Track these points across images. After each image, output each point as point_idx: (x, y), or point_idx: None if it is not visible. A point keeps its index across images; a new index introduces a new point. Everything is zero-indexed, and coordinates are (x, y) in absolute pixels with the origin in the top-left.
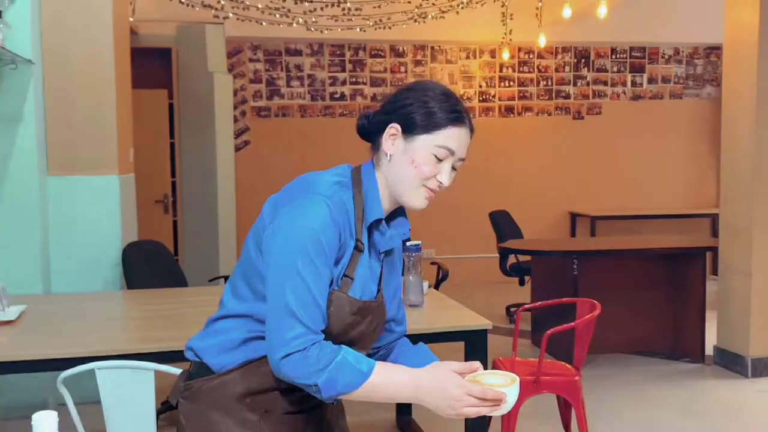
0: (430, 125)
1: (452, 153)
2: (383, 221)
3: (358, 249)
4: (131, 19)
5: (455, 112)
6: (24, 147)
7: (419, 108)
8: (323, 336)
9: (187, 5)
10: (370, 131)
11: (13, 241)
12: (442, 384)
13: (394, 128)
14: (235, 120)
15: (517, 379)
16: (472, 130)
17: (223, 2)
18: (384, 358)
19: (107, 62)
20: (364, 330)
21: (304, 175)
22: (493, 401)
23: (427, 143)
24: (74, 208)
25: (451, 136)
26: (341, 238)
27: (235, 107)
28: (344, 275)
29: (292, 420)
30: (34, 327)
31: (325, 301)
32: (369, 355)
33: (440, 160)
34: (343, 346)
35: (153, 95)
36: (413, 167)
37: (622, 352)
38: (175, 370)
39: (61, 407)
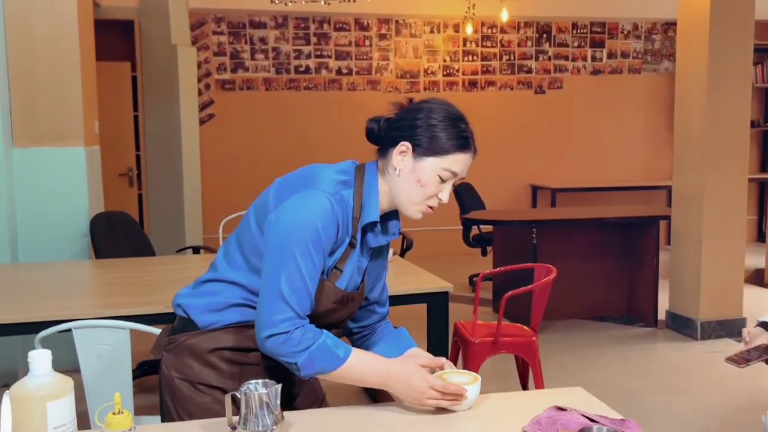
0: (439, 149)
1: (455, 175)
2: (378, 224)
3: (351, 245)
4: None
5: (462, 139)
6: None
7: (429, 131)
8: (308, 320)
9: None
10: (379, 137)
11: None
12: (409, 376)
13: (405, 146)
14: (200, 93)
15: (479, 378)
16: (475, 152)
17: None
18: (367, 339)
19: (71, 33)
20: (342, 315)
21: (311, 166)
22: (454, 395)
23: (434, 165)
24: (40, 180)
25: (457, 161)
26: (339, 233)
27: (199, 80)
28: (335, 267)
29: (269, 372)
30: (3, 293)
31: (315, 289)
32: (354, 335)
33: (443, 181)
34: (325, 330)
35: (116, 68)
36: (419, 186)
37: (579, 317)
38: (150, 329)
39: None
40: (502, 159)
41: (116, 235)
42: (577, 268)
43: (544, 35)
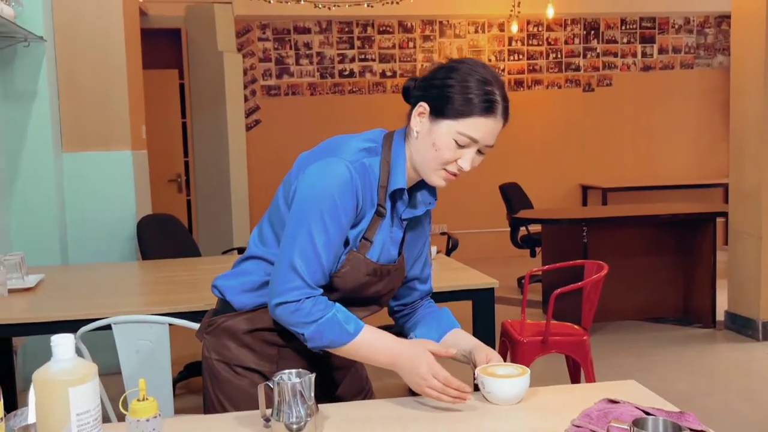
0: (454, 112)
1: (475, 141)
2: (405, 191)
3: (379, 214)
4: (141, 0)
5: (486, 102)
6: (38, 124)
7: (446, 91)
8: (321, 292)
9: None
10: (410, 97)
11: (31, 216)
12: (417, 360)
13: (422, 107)
14: (246, 99)
15: (528, 371)
16: (506, 118)
17: None
18: (408, 318)
19: (118, 40)
20: (381, 290)
21: (335, 137)
22: (457, 391)
23: (449, 129)
24: (89, 184)
25: (476, 125)
26: (360, 203)
27: (245, 87)
28: (363, 238)
29: (308, 356)
30: (52, 293)
31: (330, 261)
32: (395, 313)
33: (461, 147)
34: (337, 304)
35: (164, 75)
36: (434, 150)
37: (632, 319)
38: (188, 324)
39: None
40: (551, 159)
41: (162, 238)
42: (630, 268)
43: (592, 32)
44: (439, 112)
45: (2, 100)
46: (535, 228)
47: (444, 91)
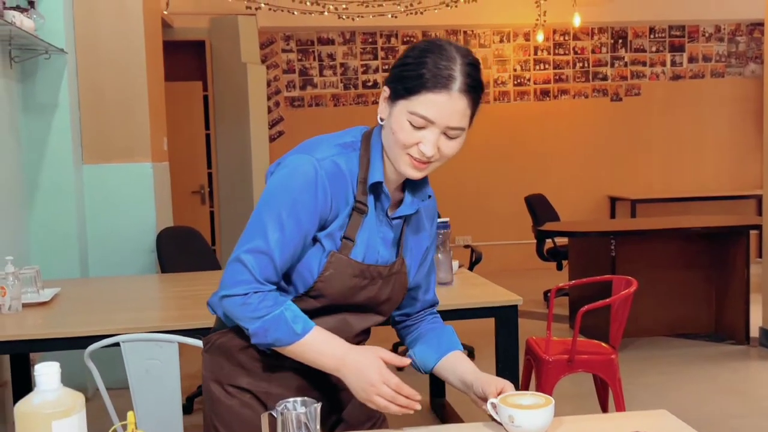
0: (406, 90)
1: (431, 122)
2: (383, 184)
3: (359, 211)
4: (165, 12)
5: (438, 77)
6: (59, 136)
7: (404, 71)
8: (271, 288)
9: None
10: None
11: (51, 228)
12: (365, 366)
13: (385, 91)
14: (269, 110)
15: (552, 401)
16: (473, 97)
17: None
18: (410, 330)
19: (138, 51)
20: (377, 296)
21: (317, 136)
22: (407, 399)
23: (402, 108)
24: (110, 196)
25: (427, 103)
26: (329, 202)
27: (269, 98)
28: (344, 237)
29: (306, 375)
30: (67, 308)
31: (284, 260)
32: (396, 324)
33: (418, 128)
34: (288, 302)
35: (188, 87)
36: (392, 134)
37: (663, 334)
38: (197, 342)
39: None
40: (578, 169)
41: (182, 250)
42: (659, 282)
43: (620, 40)
44: (395, 93)
45: (23, 112)
46: (561, 240)
47: (400, 70)
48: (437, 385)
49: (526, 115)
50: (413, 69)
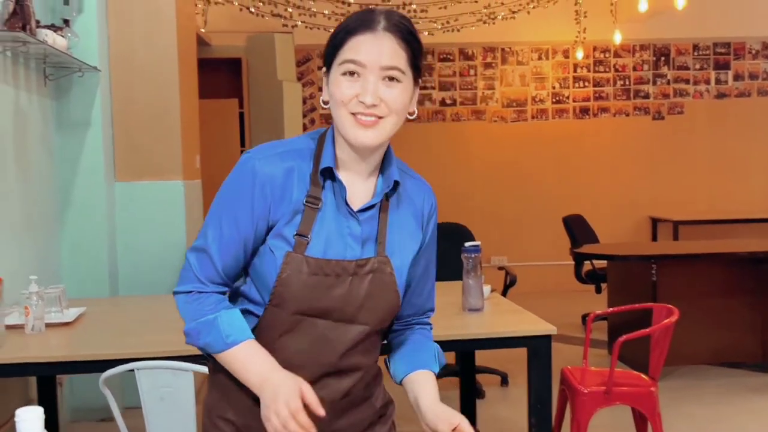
0: (334, 48)
1: (362, 65)
2: (332, 170)
3: (311, 205)
4: (203, 30)
5: (358, 21)
6: (92, 153)
7: (331, 38)
8: (215, 289)
9: (257, 15)
10: None
11: (82, 245)
12: (281, 386)
13: (323, 75)
14: (305, 128)
15: None
16: (403, 38)
17: (291, 11)
18: (396, 336)
19: (172, 69)
20: (347, 296)
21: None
22: (299, 427)
23: (335, 68)
24: (140, 213)
25: (353, 46)
26: (267, 201)
27: (305, 115)
28: (296, 234)
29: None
30: (90, 329)
31: (224, 261)
32: (387, 334)
33: (352, 80)
34: (231, 311)
35: (224, 105)
36: (332, 100)
37: (706, 363)
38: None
39: (127, 410)
40: (618, 189)
41: None
42: (703, 308)
43: (662, 58)
44: (328, 62)
45: (57, 129)
46: (600, 263)
47: (329, 41)
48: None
49: (564, 134)
50: (338, 30)
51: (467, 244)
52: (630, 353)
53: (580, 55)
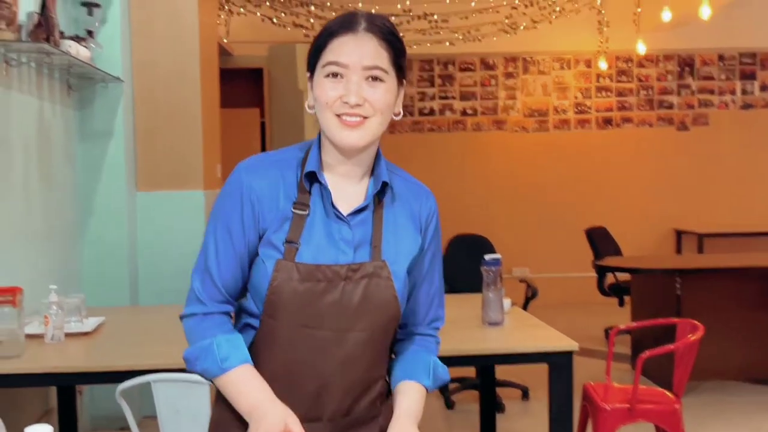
0: (317, 50)
1: (344, 66)
2: (316, 174)
3: (299, 212)
4: (225, 40)
5: (337, 24)
6: (114, 162)
7: (313, 42)
8: (218, 309)
9: (279, 25)
10: None
11: (103, 254)
12: (269, 416)
13: (308, 81)
14: None
15: None
16: (384, 38)
17: (312, 21)
18: (397, 345)
19: (194, 79)
20: (340, 301)
21: None
22: None
23: (318, 71)
24: (161, 223)
25: (334, 49)
26: (255, 211)
27: None
28: (285, 242)
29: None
30: (109, 339)
31: (224, 276)
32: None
33: (336, 82)
34: (227, 335)
35: (245, 114)
36: (317, 102)
37: (731, 379)
38: None
39: (146, 419)
40: (641, 201)
41: None
42: (729, 323)
43: (686, 68)
44: (311, 67)
45: (80, 138)
46: (624, 275)
47: (311, 47)
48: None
49: (587, 144)
50: (320, 33)
51: (487, 256)
52: (653, 368)
53: (603, 65)
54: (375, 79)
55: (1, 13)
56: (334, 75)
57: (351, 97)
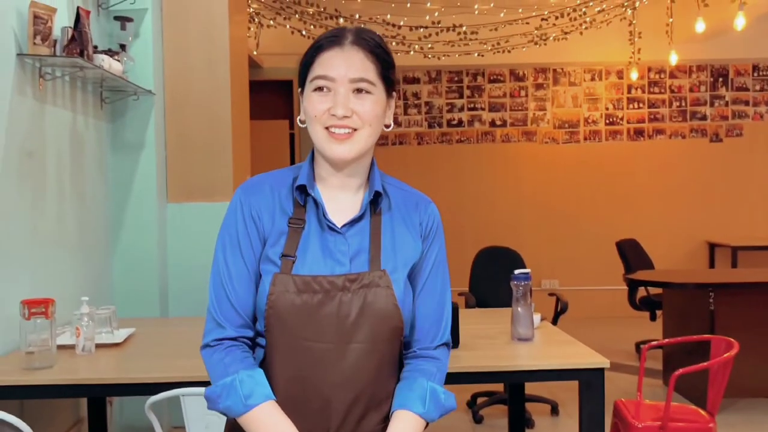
0: (306, 65)
1: (332, 79)
2: (305, 187)
3: (294, 226)
4: (255, 53)
5: (324, 39)
6: (145, 174)
7: (303, 58)
8: (236, 334)
9: (308, 38)
10: None
11: (134, 266)
12: None
13: (299, 93)
14: None
15: None
16: (371, 51)
17: None
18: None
19: (224, 92)
20: (338, 312)
21: None
22: None
23: (307, 86)
24: (191, 235)
25: (324, 62)
26: (255, 227)
27: None
28: (282, 255)
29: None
30: (138, 350)
31: (239, 297)
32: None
33: (324, 95)
34: (249, 371)
35: (275, 126)
36: (307, 117)
37: (766, 396)
38: None
39: (175, 429)
40: (673, 213)
41: None
42: (764, 339)
43: (720, 79)
44: (302, 82)
45: (112, 151)
46: (655, 289)
47: (301, 60)
48: None
49: (618, 156)
50: (308, 49)
51: (517, 271)
52: (686, 384)
53: (634, 75)
54: (362, 91)
55: (36, 28)
56: (322, 89)
57: (338, 109)
